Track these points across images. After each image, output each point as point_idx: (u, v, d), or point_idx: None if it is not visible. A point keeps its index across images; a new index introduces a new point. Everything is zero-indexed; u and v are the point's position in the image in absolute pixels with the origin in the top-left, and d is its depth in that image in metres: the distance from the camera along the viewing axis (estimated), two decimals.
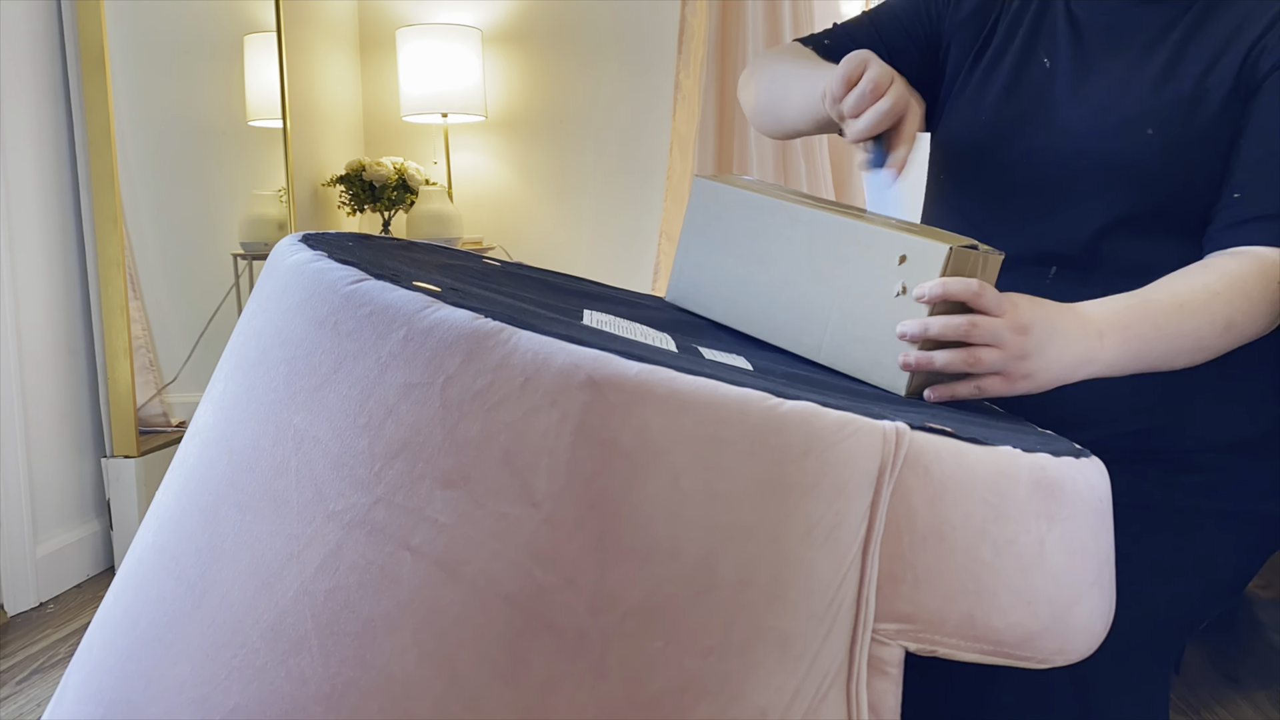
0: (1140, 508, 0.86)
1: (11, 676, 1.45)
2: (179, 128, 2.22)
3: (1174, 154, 0.86)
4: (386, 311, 0.52)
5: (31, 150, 1.78)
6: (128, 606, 0.58)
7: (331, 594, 0.50)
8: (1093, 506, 0.59)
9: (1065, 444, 0.65)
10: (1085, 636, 0.58)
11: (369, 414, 0.51)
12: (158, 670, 0.54)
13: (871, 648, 0.52)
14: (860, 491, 0.50)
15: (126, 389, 1.91)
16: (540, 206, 2.89)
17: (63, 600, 1.77)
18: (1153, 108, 0.87)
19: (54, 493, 1.82)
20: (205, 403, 0.63)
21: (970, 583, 0.52)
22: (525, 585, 0.48)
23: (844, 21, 1.11)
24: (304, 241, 0.64)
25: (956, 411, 0.70)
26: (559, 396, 0.48)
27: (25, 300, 1.75)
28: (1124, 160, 0.87)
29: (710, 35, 2.65)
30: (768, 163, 2.63)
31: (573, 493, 0.48)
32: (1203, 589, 0.87)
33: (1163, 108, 0.86)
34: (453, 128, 2.85)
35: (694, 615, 0.48)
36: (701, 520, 0.48)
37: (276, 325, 0.58)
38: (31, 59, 1.79)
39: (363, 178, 2.67)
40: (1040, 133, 0.92)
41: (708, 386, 0.49)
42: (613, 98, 2.82)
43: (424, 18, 2.86)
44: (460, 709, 0.48)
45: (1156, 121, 0.86)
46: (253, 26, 2.43)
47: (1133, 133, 0.87)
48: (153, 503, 0.64)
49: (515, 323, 0.51)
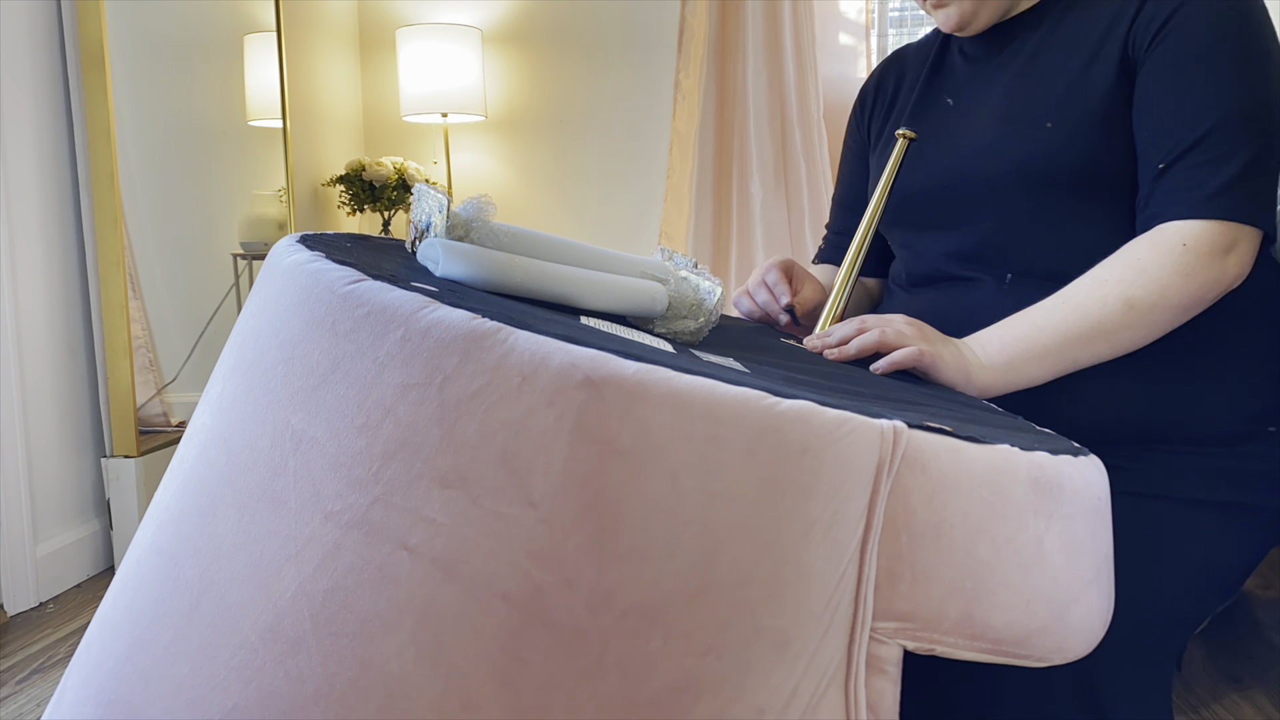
0: (1138, 501, 0.87)
1: (11, 676, 1.45)
2: (179, 128, 2.22)
3: (1073, 138, 0.92)
4: (384, 312, 0.52)
5: (31, 150, 1.78)
6: (126, 607, 0.58)
7: (329, 594, 0.50)
8: (1091, 504, 0.59)
9: (1063, 442, 0.65)
10: (1084, 634, 0.58)
11: (367, 414, 0.51)
12: (156, 671, 0.54)
13: (870, 646, 0.52)
14: (858, 490, 0.50)
15: (126, 389, 1.91)
16: (540, 206, 2.89)
17: (62, 600, 1.77)
18: (1046, 103, 0.94)
19: (54, 493, 1.83)
20: (203, 403, 0.63)
21: (968, 581, 0.52)
22: (523, 585, 0.48)
23: (829, 221, 1.31)
24: (302, 242, 0.65)
25: (954, 410, 0.70)
26: (556, 396, 0.48)
27: (25, 300, 1.75)
28: (1031, 156, 0.94)
29: (710, 35, 2.65)
30: (768, 163, 2.63)
31: (570, 492, 0.48)
32: (1202, 584, 0.87)
33: (1055, 101, 0.94)
34: (452, 128, 2.85)
35: (692, 614, 0.49)
36: (699, 519, 0.48)
37: (274, 326, 0.58)
38: (31, 59, 1.79)
39: (363, 178, 2.67)
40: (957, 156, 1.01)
41: (706, 386, 0.49)
42: (613, 98, 2.82)
43: (424, 18, 2.86)
44: (458, 708, 0.48)
45: (1053, 114, 0.94)
46: (253, 26, 2.43)
47: (1034, 129, 0.94)
48: (151, 503, 0.64)
49: (513, 323, 0.51)
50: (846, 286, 1.03)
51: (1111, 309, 0.85)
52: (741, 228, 2.69)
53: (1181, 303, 0.85)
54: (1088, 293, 0.86)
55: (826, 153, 2.64)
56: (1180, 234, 0.85)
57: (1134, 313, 0.85)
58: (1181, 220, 0.86)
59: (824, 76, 2.69)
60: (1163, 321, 0.86)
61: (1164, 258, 0.85)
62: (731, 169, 2.70)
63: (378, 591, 0.49)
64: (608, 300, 0.73)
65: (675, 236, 2.74)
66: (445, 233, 0.70)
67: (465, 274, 0.65)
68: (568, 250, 0.76)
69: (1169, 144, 0.87)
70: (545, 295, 0.69)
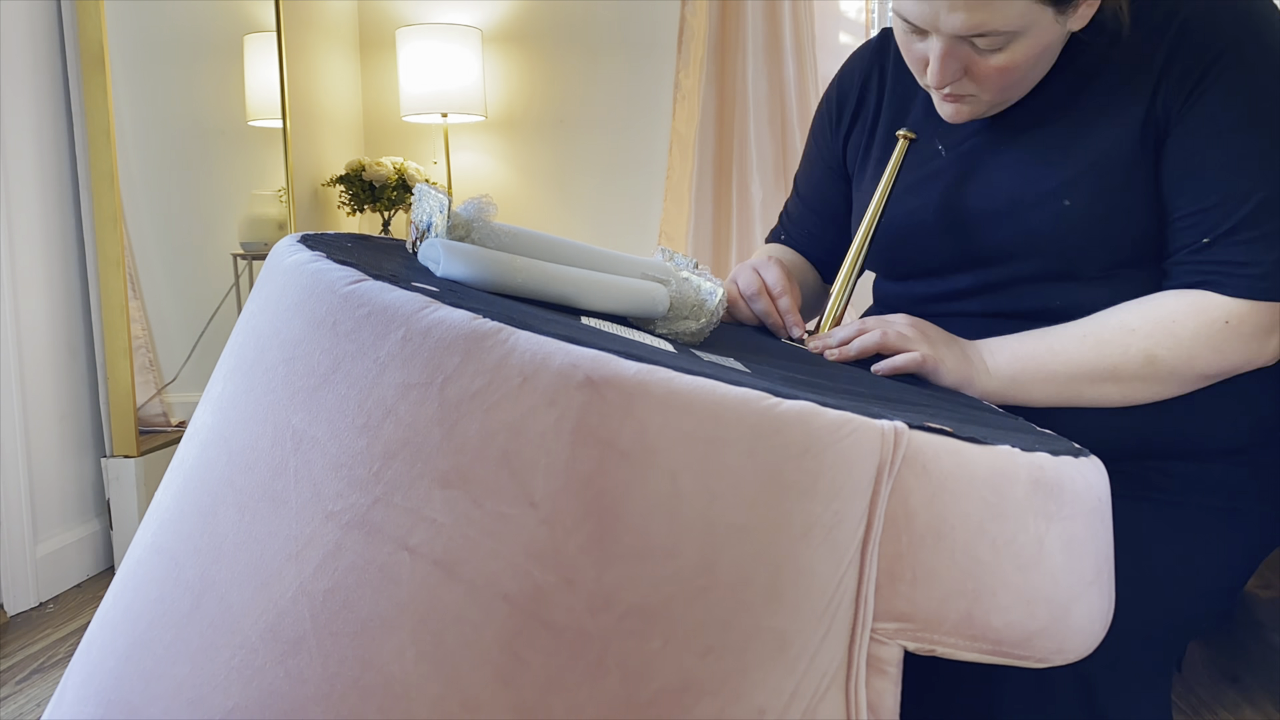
0: (1139, 504, 0.86)
1: (11, 676, 1.45)
2: (179, 128, 2.22)
3: (1095, 216, 0.88)
4: (385, 312, 0.52)
5: (31, 150, 1.78)
6: (126, 607, 0.58)
7: (330, 594, 0.50)
8: (1091, 505, 0.59)
9: (1064, 443, 0.65)
10: (1084, 636, 0.58)
11: (367, 414, 0.51)
12: (156, 671, 0.54)
13: (870, 647, 0.52)
14: (859, 491, 0.50)
15: (126, 389, 1.91)
16: (540, 206, 2.89)
17: (63, 600, 1.77)
18: (1063, 179, 0.88)
19: (54, 493, 1.82)
20: (204, 403, 0.63)
21: (969, 582, 0.52)
22: (523, 585, 0.48)
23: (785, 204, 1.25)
24: (303, 242, 0.65)
25: (955, 411, 0.70)
26: (557, 396, 0.48)
27: (25, 300, 1.75)
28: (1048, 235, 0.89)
29: (710, 35, 2.65)
30: (768, 163, 2.63)
31: (571, 492, 0.48)
32: (1202, 587, 0.87)
33: (1074, 177, 0.88)
34: (452, 128, 2.85)
35: (692, 615, 0.49)
36: (700, 520, 0.48)
37: (275, 326, 0.58)
38: (31, 59, 1.79)
39: (362, 178, 2.67)
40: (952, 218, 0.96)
41: (706, 386, 0.49)
42: (612, 98, 2.82)
43: (424, 18, 2.86)
44: (458, 709, 0.48)
45: (1072, 192, 0.88)
46: (253, 26, 2.43)
47: (1050, 206, 0.89)
48: (152, 503, 0.64)
49: (513, 323, 0.51)
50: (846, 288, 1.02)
51: (1132, 359, 0.83)
52: (741, 228, 2.69)
53: (1205, 373, 0.84)
54: (1112, 335, 0.84)
55: None
56: (1225, 310, 0.82)
57: (1152, 369, 0.83)
58: (1228, 297, 0.82)
59: (824, 76, 2.69)
60: (1179, 385, 0.84)
61: (1201, 329, 0.82)
62: (731, 169, 2.70)
63: (378, 591, 0.49)
64: (609, 301, 0.73)
65: (675, 236, 2.74)
66: (446, 233, 0.70)
67: (466, 274, 0.65)
68: (569, 251, 0.76)
69: (1216, 216, 0.83)
70: (546, 296, 0.69)
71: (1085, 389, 0.85)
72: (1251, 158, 0.82)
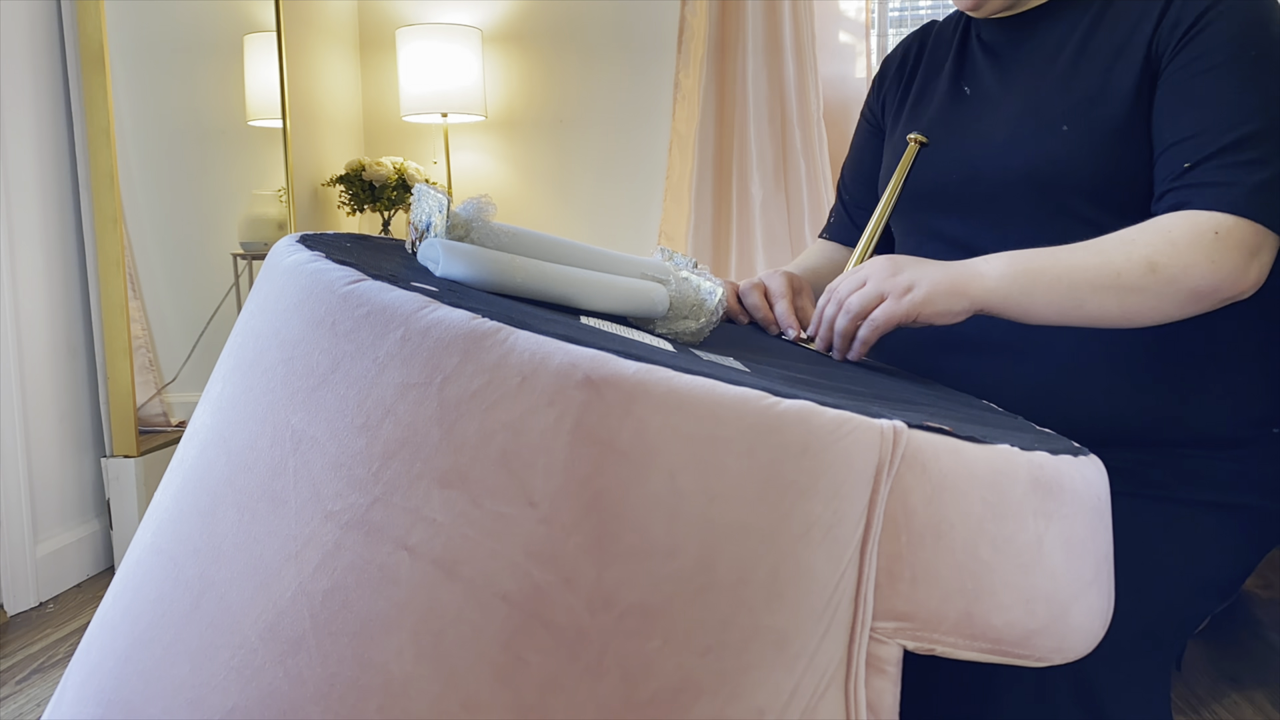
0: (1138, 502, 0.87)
1: (11, 676, 1.45)
2: (179, 128, 2.22)
3: (1090, 145, 0.91)
4: (384, 311, 0.52)
5: (31, 150, 1.78)
6: (126, 607, 0.58)
7: (329, 594, 0.50)
8: (1091, 505, 0.59)
9: (1063, 442, 0.65)
10: (1084, 635, 0.58)
11: (366, 414, 0.51)
12: (156, 671, 0.54)
13: (870, 646, 0.52)
14: (858, 490, 0.50)
15: (126, 389, 1.91)
16: (540, 206, 2.89)
17: (62, 600, 1.77)
18: (1065, 107, 0.93)
19: (54, 492, 1.83)
20: (203, 403, 0.63)
21: (968, 581, 0.52)
22: (523, 585, 0.48)
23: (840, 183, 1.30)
24: (302, 242, 0.65)
25: (954, 410, 0.70)
26: (556, 396, 0.48)
27: (25, 300, 1.75)
28: (1045, 159, 0.93)
29: (710, 35, 2.65)
30: (768, 163, 2.63)
31: (570, 492, 0.48)
32: (1201, 585, 0.87)
33: (1074, 105, 0.93)
34: (452, 127, 2.85)
35: (692, 614, 0.48)
36: (699, 519, 0.48)
37: (274, 326, 0.58)
38: (31, 59, 1.79)
39: (362, 178, 2.67)
40: (968, 150, 1.00)
41: (705, 385, 0.49)
42: (612, 98, 2.82)
43: (424, 18, 2.86)
44: (458, 708, 0.48)
45: (1070, 118, 0.92)
46: (253, 26, 2.43)
47: (1049, 132, 0.93)
48: (151, 503, 0.64)
49: (513, 322, 0.51)
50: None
51: (1134, 265, 0.83)
52: (741, 227, 2.69)
53: (1199, 288, 0.83)
54: (1113, 245, 0.84)
55: (826, 152, 2.64)
56: (1213, 222, 0.83)
57: (1154, 277, 0.82)
58: (1214, 211, 0.83)
59: (824, 76, 2.69)
60: (1174, 300, 0.83)
61: (1195, 239, 0.82)
62: (731, 169, 2.70)
63: (378, 591, 0.49)
64: (608, 301, 0.73)
65: (675, 236, 2.74)
66: (445, 233, 0.70)
67: (465, 274, 0.65)
68: (568, 250, 0.76)
69: (1199, 145, 0.85)
70: (545, 296, 0.69)
71: (1086, 297, 0.83)
72: (1235, 93, 0.85)
